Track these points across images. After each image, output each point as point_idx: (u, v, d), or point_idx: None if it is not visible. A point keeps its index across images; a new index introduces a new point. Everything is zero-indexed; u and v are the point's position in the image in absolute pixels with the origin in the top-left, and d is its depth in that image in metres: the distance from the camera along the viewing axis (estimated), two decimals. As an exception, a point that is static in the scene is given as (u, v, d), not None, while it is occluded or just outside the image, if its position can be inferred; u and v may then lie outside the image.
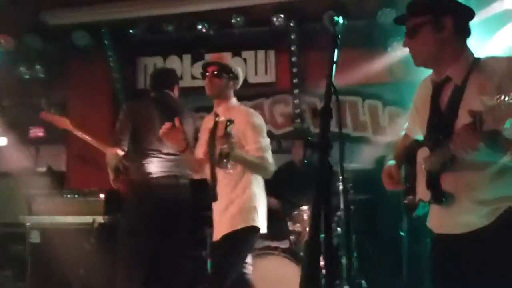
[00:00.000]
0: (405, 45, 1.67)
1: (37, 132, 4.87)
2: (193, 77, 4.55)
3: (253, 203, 2.34)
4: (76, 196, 3.74)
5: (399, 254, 3.60)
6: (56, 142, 4.68)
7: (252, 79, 4.49)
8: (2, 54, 4.25)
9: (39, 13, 4.05)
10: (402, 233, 3.48)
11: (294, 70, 4.21)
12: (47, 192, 3.89)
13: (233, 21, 3.96)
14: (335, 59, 1.35)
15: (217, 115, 2.42)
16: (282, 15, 3.91)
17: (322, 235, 1.16)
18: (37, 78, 4.56)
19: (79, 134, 3.42)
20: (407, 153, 1.79)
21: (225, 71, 2.45)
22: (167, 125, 2.31)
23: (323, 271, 1.64)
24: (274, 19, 3.89)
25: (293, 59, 4.17)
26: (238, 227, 2.29)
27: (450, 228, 1.55)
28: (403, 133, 1.93)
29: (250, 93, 4.71)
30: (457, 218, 1.52)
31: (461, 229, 1.51)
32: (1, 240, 4.13)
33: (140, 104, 3.07)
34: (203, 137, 2.52)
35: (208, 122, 2.55)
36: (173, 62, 4.59)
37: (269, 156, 2.36)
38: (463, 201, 1.50)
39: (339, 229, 3.28)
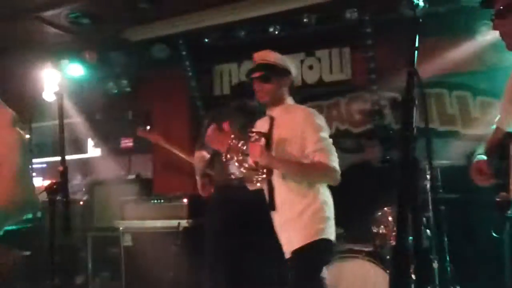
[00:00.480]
0: (495, 28, 1.52)
1: (127, 143, 5.21)
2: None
3: (324, 213, 2.15)
4: (162, 201, 3.94)
5: (498, 257, 3.27)
6: (144, 152, 4.97)
7: (327, 78, 4.39)
8: (89, 70, 4.64)
9: (121, 31, 4.35)
10: (494, 235, 3.17)
11: (371, 65, 4.03)
12: (137, 198, 4.14)
13: (304, 20, 3.90)
14: (416, 44, 1.24)
15: (272, 119, 2.24)
16: (355, 9, 3.77)
17: (411, 238, 1.08)
18: (124, 92, 4.90)
19: (167, 146, 3.70)
20: (499, 147, 1.63)
21: (274, 72, 2.23)
22: (212, 127, 2.22)
23: (413, 276, 1.53)
24: (347, 14, 3.77)
25: (370, 54, 3.99)
26: (310, 240, 2.09)
27: None
28: (494, 126, 1.76)
29: (325, 92, 4.63)
30: None
31: None
32: (100, 243, 4.48)
33: (222, 111, 3.23)
34: None
35: (262, 126, 2.32)
36: (248, 67, 4.63)
37: (333, 160, 2.10)
38: None
39: (428, 231, 3.06)
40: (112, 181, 4.66)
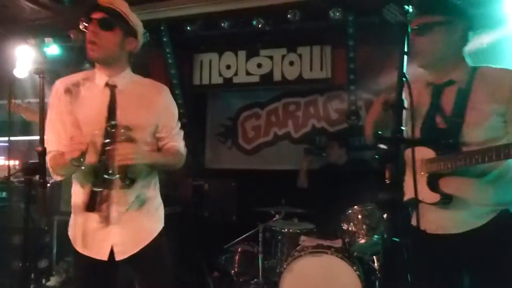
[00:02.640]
0: (412, 45, 1.64)
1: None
2: (248, 73, 4.57)
3: None
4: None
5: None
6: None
7: (307, 75, 4.42)
8: (65, 50, 4.51)
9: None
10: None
11: (351, 65, 4.09)
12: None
13: (289, 16, 3.91)
14: (405, 49, 1.29)
15: (113, 88, 1.82)
16: (339, 9, 3.81)
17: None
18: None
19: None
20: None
21: (120, 22, 1.77)
22: None
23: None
24: (331, 13, 3.79)
25: (350, 54, 4.05)
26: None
27: (447, 229, 1.64)
28: None
29: (304, 89, 4.67)
30: (455, 219, 1.62)
31: (458, 229, 1.62)
32: (66, 228, 4.37)
33: None
34: None
35: (91, 92, 1.82)
36: (228, 58, 4.64)
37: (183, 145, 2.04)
38: (463, 203, 1.60)
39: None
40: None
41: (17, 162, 5.21)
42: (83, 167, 1.72)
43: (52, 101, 1.85)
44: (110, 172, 1.75)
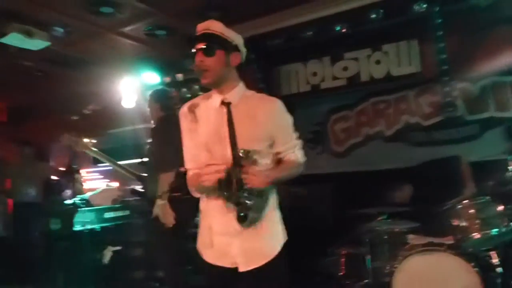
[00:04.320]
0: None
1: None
2: (335, 78, 4.64)
3: None
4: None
5: None
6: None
7: (396, 72, 4.36)
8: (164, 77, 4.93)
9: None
10: None
11: (442, 56, 3.96)
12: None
13: (371, 16, 3.91)
14: None
15: (228, 106, 1.94)
16: (423, 1, 3.73)
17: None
18: (196, 96, 5.16)
19: None
20: None
21: (218, 44, 1.90)
22: None
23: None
24: (415, 6, 3.73)
25: (440, 45, 3.93)
26: None
27: None
28: None
29: (390, 86, 4.61)
30: None
31: None
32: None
33: None
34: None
35: (208, 113, 1.97)
36: (314, 66, 4.75)
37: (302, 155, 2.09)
38: None
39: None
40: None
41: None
42: (216, 191, 1.88)
43: (182, 124, 2.06)
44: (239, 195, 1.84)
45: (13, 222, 5.39)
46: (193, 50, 1.93)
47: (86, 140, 3.79)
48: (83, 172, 6.69)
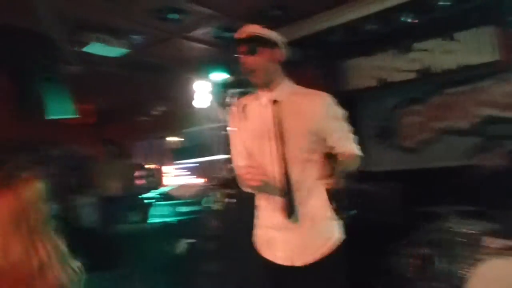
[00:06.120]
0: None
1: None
2: (402, 70, 4.46)
3: None
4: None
5: None
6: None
7: (469, 61, 4.08)
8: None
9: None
10: None
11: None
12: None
13: (440, 3, 3.69)
14: None
15: (276, 103, 1.97)
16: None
17: None
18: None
19: None
20: None
21: (260, 43, 1.96)
22: None
23: None
24: (489, -10, 3.46)
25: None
26: None
27: None
28: None
29: (462, 77, 4.32)
30: None
31: None
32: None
33: None
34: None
35: (255, 110, 2.05)
36: (380, 59, 4.60)
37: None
38: None
39: None
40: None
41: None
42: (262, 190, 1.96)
43: (230, 123, 2.15)
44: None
45: (99, 215, 5.90)
46: (237, 54, 2.00)
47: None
48: (165, 168, 7.15)
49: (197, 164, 6.71)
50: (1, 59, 4.00)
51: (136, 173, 6.31)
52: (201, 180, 6.50)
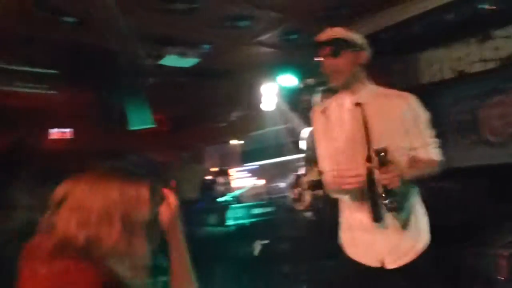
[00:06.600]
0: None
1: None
2: (484, 60, 4.18)
3: None
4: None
5: None
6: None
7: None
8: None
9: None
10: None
11: None
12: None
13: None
14: None
15: (360, 105, 1.97)
16: None
17: None
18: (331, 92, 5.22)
19: None
20: None
21: (343, 46, 1.96)
22: None
23: None
24: None
25: None
26: None
27: None
28: None
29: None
30: None
31: None
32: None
33: None
34: None
35: (337, 113, 2.08)
36: (458, 50, 4.35)
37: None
38: None
39: None
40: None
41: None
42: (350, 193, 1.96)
43: (314, 126, 2.17)
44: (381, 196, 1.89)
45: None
46: (319, 56, 2.02)
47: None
48: (235, 171, 7.33)
49: (266, 166, 6.80)
50: (87, 77, 4.35)
51: (210, 177, 6.52)
52: (271, 182, 6.57)
